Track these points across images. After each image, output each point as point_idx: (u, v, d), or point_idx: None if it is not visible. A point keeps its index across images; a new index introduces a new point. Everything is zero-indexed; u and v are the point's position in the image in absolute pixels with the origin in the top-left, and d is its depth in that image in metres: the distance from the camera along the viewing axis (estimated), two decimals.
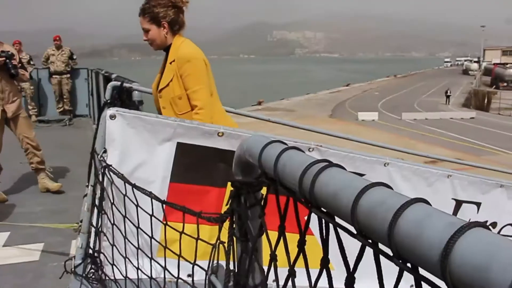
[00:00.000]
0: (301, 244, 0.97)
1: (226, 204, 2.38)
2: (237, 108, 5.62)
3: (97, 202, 2.08)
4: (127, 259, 1.90)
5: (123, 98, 3.06)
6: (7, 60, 4.87)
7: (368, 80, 57.04)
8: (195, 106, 2.72)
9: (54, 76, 10.97)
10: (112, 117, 1.99)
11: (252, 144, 1.20)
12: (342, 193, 0.75)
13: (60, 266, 3.49)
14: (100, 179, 1.99)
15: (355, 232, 0.71)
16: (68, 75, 11.06)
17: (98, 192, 2.04)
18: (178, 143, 2.11)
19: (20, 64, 5.15)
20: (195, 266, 1.54)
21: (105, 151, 2.02)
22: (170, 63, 2.77)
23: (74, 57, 11.29)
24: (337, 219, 0.80)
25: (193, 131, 2.11)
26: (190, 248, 1.67)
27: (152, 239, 1.74)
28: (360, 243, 0.71)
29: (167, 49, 2.84)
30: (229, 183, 2.34)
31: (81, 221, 3.19)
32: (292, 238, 1.06)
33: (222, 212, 2.39)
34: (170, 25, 2.76)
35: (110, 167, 1.91)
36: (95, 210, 2.15)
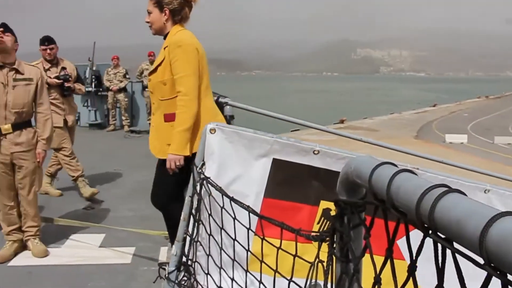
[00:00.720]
0: (412, 269, 0.95)
1: (318, 223, 2.38)
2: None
3: (193, 212, 2.15)
4: (222, 270, 1.95)
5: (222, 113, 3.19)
6: (63, 82, 5.42)
7: (457, 101, 54.47)
8: (178, 92, 2.71)
9: (147, 89, 11.58)
10: (212, 131, 2.07)
11: (361, 164, 1.20)
12: (467, 220, 0.73)
13: (150, 271, 3.67)
14: (198, 191, 2.07)
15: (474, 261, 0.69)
16: None
17: (195, 202, 2.12)
18: (274, 159, 2.14)
19: (73, 80, 5.65)
20: (291, 283, 1.54)
21: (203, 164, 2.10)
22: (164, 48, 2.82)
23: None
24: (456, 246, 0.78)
25: (289, 148, 2.13)
26: (281, 264, 1.68)
27: (248, 252, 1.78)
28: (482, 274, 0.68)
29: (165, 36, 2.89)
30: (321, 201, 2.35)
31: None
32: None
33: (313, 230, 2.39)
34: (172, 13, 2.82)
35: (209, 179, 1.99)
36: (191, 220, 2.23)
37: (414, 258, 0.96)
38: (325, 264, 1.39)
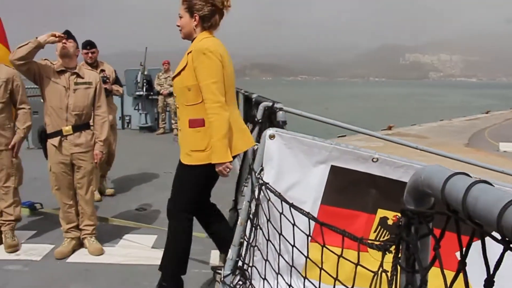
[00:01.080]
0: (490, 282, 0.93)
1: (375, 231, 2.35)
2: None
3: (250, 217, 2.18)
4: (279, 275, 1.96)
5: (272, 118, 3.19)
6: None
7: None
8: (207, 99, 2.68)
9: None
10: (271, 137, 2.09)
11: (432, 174, 1.18)
12: None
13: (202, 274, 3.72)
14: (256, 196, 2.09)
15: None
16: None
17: (253, 207, 2.14)
18: (332, 166, 2.14)
19: (111, 82, 5.91)
20: None
21: (262, 169, 2.12)
22: (188, 53, 2.79)
23: None
24: None
25: (347, 155, 2.12)
26: (339, 272, 1.67)
27: (307, 259, 1.78)
28: None
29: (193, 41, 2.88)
30: (379, 210, 2.32)
31: None
32: (448, 275, 1.02)
33: (369, 238, 2.35)
34: (202, 19, 2.80)
35: (267, 185, 2.00)
36: (247, 225, 2.26)
37: (491, 270, 0.94)
38: (389, 274, 1.38)
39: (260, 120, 2.94)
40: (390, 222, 2.35)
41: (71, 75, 3.90)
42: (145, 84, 11.85)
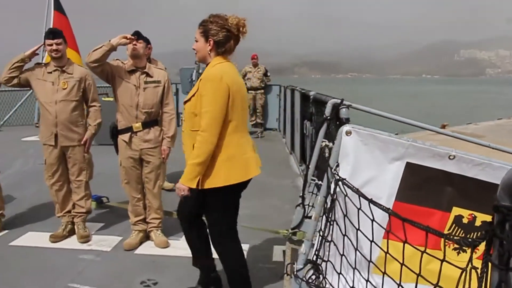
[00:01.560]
0: None
1: (449, 229, 2.33)
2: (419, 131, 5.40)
3: (325, 212, 2.21)
4: (356, 270, 1.98)
5: (338, 115, 3.20)
6: None
7: None
8: (201, 126, 2.71)
9: (249, 91, 11.90)
10: (348, 133, 2.11)
11: None
12: None
13: (266, 268, 3.78)
14: (332, 191, 2.12)
15: None
16: (262, 91, 11.89)
17: (328, 203, 2.17)
18: (407, 163, 2.14)
19: None
20: None
21: (338, 165, 2.14)
22: (200, 80, 2.83)
23: (268, 74, 12.10)
24: None
25: (424, 152, 2.11)
26: (413, 268, 1.68)
27: (386, 255, 1.79)
28: None
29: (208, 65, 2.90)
30: (454, 208, 2.29)
31: (292, 228, 3.41)
32: None
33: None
34: (216, 44, 2.81)
35: (344, 180, 2.03)
36: (322, 220, 2.29)
37: None
38: (478, 271, 1.37)
39: (328, 117, 2.96)
40: (465, 220, 2.32)
41: (141, 74, 4.06)
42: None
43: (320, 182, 3.26)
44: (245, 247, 4.16)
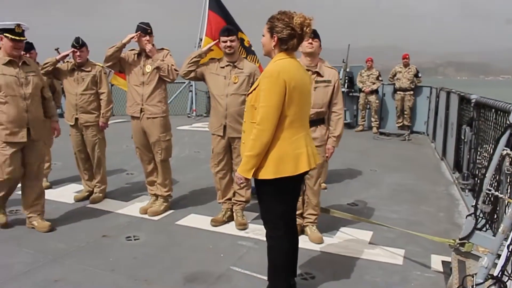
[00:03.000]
0: None
1: None
2: None
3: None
4: None
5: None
6: None
7: None
8: (257, 120, 2.80)
9: (398, 92, 11.52)
10: None
11: None
12: None
13: (424, 277, 3.63)
14: None
15: None
16: (411, 92, 11.42)
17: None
18: None
19: None
20: None
21: None
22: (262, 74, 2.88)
23: (419, 75, 11.58)
24: None
25: None
26: None
27: None
28: None
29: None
30: None
31: (460, 239, 3.23)
32: None
33: None
34: (280, 41, 2.86)
35: None
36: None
37: None
38: None
39: None
40: None
41: (312, 74, 4.14)
42: (346, 80, 11.98)
43: (496, 193, 3.04)
44: (401, 252, 4.08)
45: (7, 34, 4.21)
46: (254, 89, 2.89)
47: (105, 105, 5.41)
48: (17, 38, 4.26)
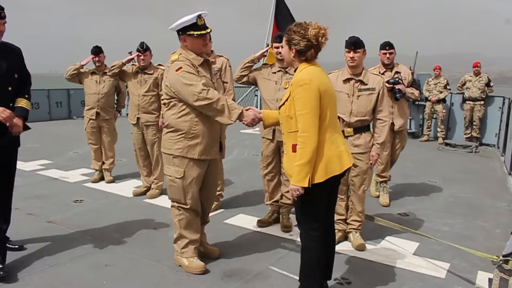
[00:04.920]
0: None
1: None
2: None
3: None
4: None
5: None
6: (394, 86, 5.54)
7: None
8: (299, 129, 2.85)
9: (467, 102, 11.06)
10: None
11: None
12: None
13: None
14: None
15: None
16: (482, 102, 10.92)
17: None
18: None
19: (407, 84, 5.76)
20: None
21: None
22: (291, 84, 2.93)
23: (491, 84, 11.06)
24: None
25: None
26: None
27: None
28: None
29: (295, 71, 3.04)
30: None
31: (504, 256, 3.13)
32: None
33: None
34: (297, 53, 2.94)
35: None
36: None
37: None
38: None
39: None
40: None
41: (355, 82, 4.16)
42: None
43: None
44: (445, 265, 3.99)
45: (191, 32, 3.58)
46: (286, 100, 2.97)
47: None
48: (202, 32, 3.62)
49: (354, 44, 4.10)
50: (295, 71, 3.07)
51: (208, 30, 3.67)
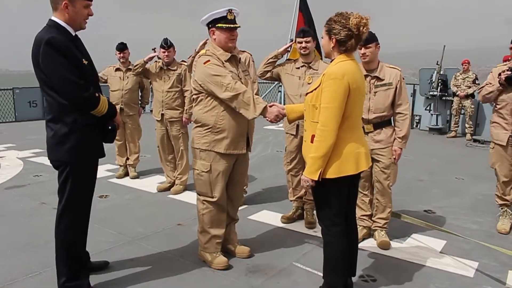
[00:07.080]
0: None
1: None
2: None
3: None
4: None
5: None
6: None
7: None
8: (320, 121, 2.82)
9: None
10: None
11: None
12: None
13: None
14: None
15: None
16: None
17: None
18: None
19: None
20: None
21: None
22: (323, 75, 2.88)
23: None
24: None
25: None
26: None
27: None
28: None
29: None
30: None
31: None
32: None
33: None
34: (338, 42, 2.87)
35: None
36: None
37: None
38: None
39: None
40: None
41: (371, 79, 4.08)
42: (440, 84, 11.45)
43: None
44: (473, 264, 3.90)
45: (220, 24, 3.56)
46: (315, 88, 2.93)
47: (189, 102, 5.70)
48: (231, 26, 3.59)
49: (364, 40, 4.03)
50: (331, 61, 3.03)
51: (237, 25, 3.63)
